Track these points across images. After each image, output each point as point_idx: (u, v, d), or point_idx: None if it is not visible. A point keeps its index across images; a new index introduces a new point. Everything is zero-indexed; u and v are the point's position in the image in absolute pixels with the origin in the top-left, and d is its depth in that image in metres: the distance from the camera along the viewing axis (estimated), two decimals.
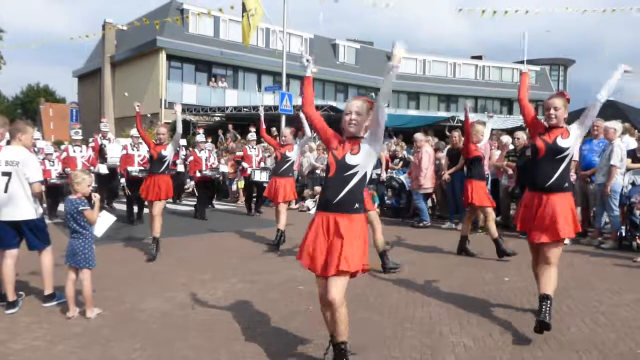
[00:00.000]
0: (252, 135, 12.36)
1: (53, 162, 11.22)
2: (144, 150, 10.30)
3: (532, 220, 4.20)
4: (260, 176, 11.24)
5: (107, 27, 27.62)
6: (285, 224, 7.74)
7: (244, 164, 12.23)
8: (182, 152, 13.57)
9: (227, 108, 24.25)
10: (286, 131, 8.37)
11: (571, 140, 4.12)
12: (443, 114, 32.74)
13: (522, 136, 9.38)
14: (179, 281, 5.82)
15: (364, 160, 3.26)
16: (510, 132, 12.20)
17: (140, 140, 10.24)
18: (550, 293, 4.02)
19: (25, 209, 4.81)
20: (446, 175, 9.75)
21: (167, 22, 22.20)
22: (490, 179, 9.51)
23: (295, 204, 12.87)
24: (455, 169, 9.60)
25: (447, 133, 11.06)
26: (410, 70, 38.08)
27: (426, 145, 10.30)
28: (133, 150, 10.52)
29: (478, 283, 5.74)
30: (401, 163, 12.16)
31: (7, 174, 4.70)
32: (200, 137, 12.39)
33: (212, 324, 4.44)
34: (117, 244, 7.97)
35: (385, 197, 11.88)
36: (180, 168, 13.15)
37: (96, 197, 4.83)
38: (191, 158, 12.10)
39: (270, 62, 27.76)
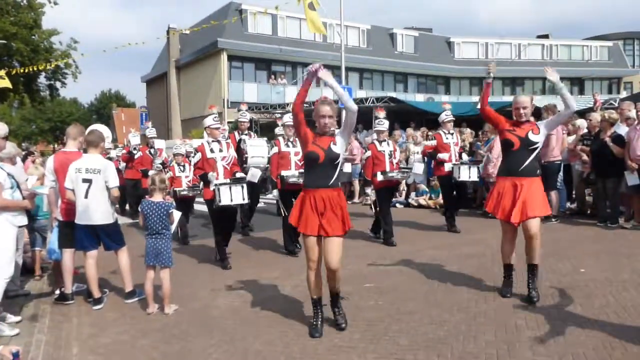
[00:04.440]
0: (446, 115, 8.39)
1: (184, 167, 8.77)
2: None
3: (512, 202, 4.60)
4: (470, 174, 8.05)
5: (171, 32, 28.66)
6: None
7: (442, 156, 8.25)
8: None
9: (288, 104, 24.53)
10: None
11: (541, 137, 4.67)
12: (508, 98, 31.42)
13: (595, 118, 8.85)
14: (249, 279, 5.96)
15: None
16: (582, 114, 11.55)
17: (292, 133, 6.98)
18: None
19: (103, 214, 5.10)
20: None
21: (227, 24, 22.69)
22: (562, 164, 9.05)
23: (359, 197, 12.85)
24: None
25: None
26: (472, 55, 36.86)
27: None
28: (287, 146, 7.10)
29: (553, 274, 5.49)
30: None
31: (88, 181, 5.00)
32: (382, 125, 7.84)
33: (282, 320, 4.53)
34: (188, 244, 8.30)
35: None
36: None
37: (169, 199, 5.06)
38: (369, 153, 7.72)
39: (329, 56, 27.71)
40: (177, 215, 5.16)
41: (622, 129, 8.16)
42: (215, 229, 6.79)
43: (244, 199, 6.39)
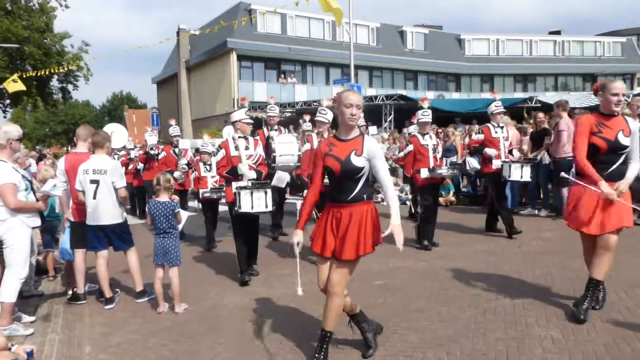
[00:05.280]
0: (496, 106, 7.53)
1: (210, 166, 8.01)
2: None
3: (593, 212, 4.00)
4: (522, 173, 7.22)
5: (181, 33, 28.84)
6: None
7: (489, 152, 7.43)
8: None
9: (297, 103, 24.60)
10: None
11: (629, 140, 4.07)
12: (520, 95, 31.20)
13: None
14: (258, 277, 5.99)
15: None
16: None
17: (325, 129, 6.67)
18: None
19: (112, 214, 5.17)
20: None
21: (236, 23, 22.77)
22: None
23: None
24: (537, 153, 9.14)
25: (526, 115, 10.53)
26: (482, 52, 36.66)
27: (511, 129, 9.65)
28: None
29: (563, 271, 5.45)
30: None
31: (96, 182, 5.06)
32: (426, 117, 7.09)
33: (291, 318, 4.54)
34: (197, 242, 8.34)
35: (461, 185, 11.58)
36: None
37: (176, 198, 5.10)
38: (410, 147, 7.17)
39: (338, 55, 27.80)
40: (184, 215, 5.20)
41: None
42: (236, 237, 5.99)
43: (267, 207, 5.57)
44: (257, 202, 5.48)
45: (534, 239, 7.08)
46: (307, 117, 9.95)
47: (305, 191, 6.57)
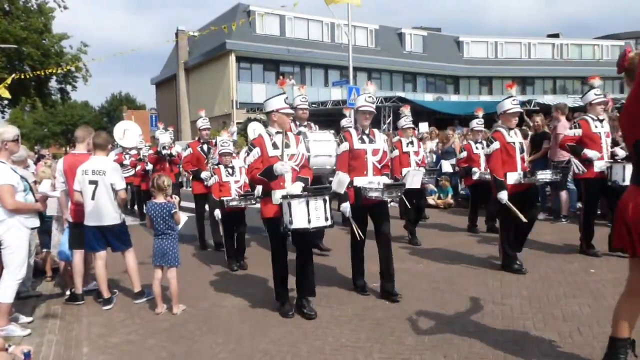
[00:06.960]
0: (596, 95, 6.36)
1: (232, 169, 6.75)
2: (381, 144, 5.09)
3: None
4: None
5: (180, 35, 28.88)
6: None
7: (590, 154, 6.14)
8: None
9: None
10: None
11: None
12: (519, 97, 31.28)
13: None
14: (258, 278, 5.99)
15: None
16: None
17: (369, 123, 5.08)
18: None
19: (110, 215, 5.17)
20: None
21: (235, 25, 22.81)
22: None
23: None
24: (536, 156, 9.15)
25: (526, 118, 10.54)
26: (481, 55, 36.76)
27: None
28: (362, 142, 5.00)
29: (561, 275, 5.46)
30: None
31: (94, 183, 5.07)
32: (516, 106, 5.72)
33: (289, 319, 4.54)
34: (195, 244, 8.33)
35: (459, 187, 11.59)
36: None
37: (176, 198, 5.09)
38: (496, 145, 5.66)
39: (337, 57, 27.86)
40: (183, 216, 5.19)
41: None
42: (275, 261, 4.74)
43: (327, 220, 4.26)
44: (314, 214, 4.14)
45: (532, 242, 7.08)
46: (347, 112, 9.05)
47: (346, 205, 4.92)
